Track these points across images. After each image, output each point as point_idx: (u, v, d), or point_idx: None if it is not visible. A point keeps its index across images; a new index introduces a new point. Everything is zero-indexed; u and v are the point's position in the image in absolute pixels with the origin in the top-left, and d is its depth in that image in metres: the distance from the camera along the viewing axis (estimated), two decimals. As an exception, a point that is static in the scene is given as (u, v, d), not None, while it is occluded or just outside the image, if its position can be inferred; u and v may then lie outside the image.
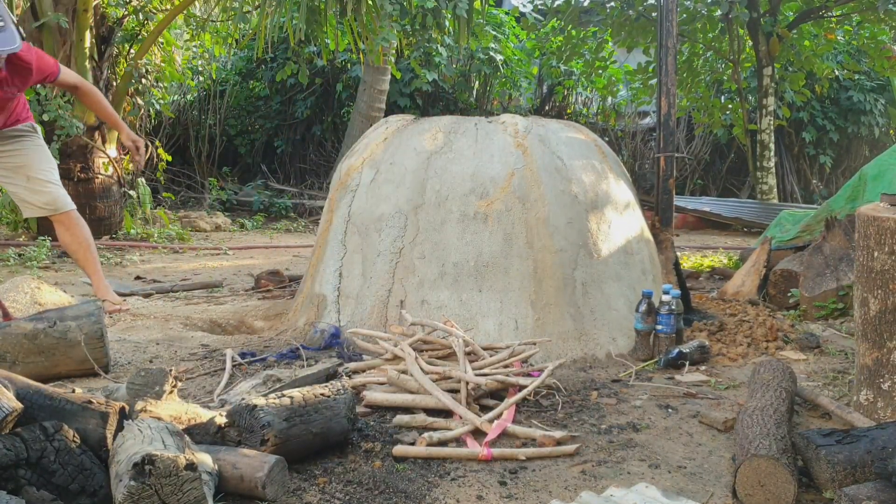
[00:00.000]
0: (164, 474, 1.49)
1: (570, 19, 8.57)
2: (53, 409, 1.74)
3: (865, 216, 2.23)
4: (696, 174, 10.67)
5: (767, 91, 8.45)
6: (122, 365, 2.84)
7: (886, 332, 2.17)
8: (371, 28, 6.20)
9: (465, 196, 3.07)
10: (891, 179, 4.02)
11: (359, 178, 3.27)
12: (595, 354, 2.95)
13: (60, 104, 5.63)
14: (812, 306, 3.60)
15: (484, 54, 9.69)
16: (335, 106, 9.65)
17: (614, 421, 2.33)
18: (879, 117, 10.34)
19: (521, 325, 2.92)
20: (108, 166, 6.06)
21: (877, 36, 9.17)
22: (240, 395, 2.31)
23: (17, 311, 3.09)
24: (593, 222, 3.16)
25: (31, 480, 1.55)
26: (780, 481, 1.74)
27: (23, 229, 6.01)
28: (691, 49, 9.45)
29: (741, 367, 2.90)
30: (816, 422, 2.33)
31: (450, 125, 3.26)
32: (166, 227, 6.71)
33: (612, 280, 3.13)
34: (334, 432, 2.02)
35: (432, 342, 2.70)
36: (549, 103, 10.97)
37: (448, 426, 2.19)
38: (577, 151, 3.29)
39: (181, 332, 3.28)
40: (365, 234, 3.16)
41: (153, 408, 1.91)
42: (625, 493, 1.75)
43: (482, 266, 2.99)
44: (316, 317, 3.18)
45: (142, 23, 6.53)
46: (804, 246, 4.27)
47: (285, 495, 1.79)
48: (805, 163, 10.65)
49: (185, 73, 8.11)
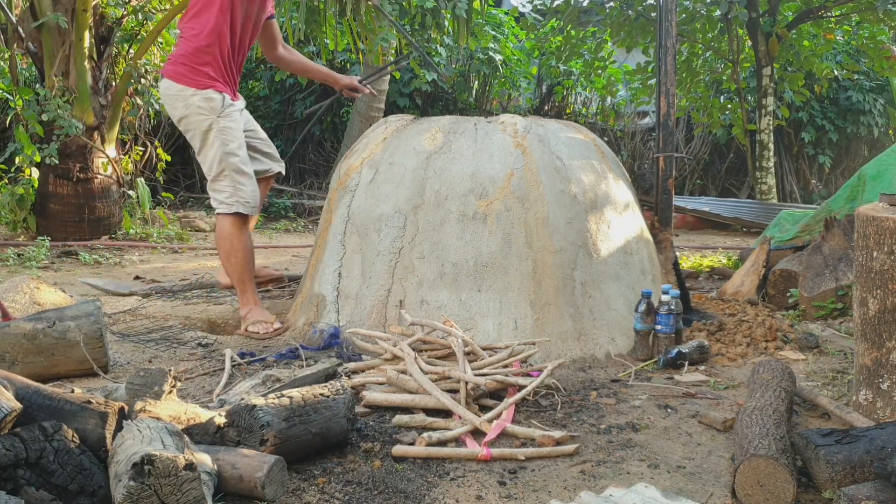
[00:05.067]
0: (164, 474, 1.48)
1: (570, 19, 8.57)
2: (53, 409, 1.74)
3: (864, 216, 2.23)
4: (696, 174, 10.67)
5: (767, 91, 8.46)
6: (122, 365, 2.84)
7: (885, 332, 2.17)
8: (370, 28, 6.20)
9: (464, 196, 3.07)
10: (890, 179, 4.02)
11: (358, 178, 3.27)
12: (594, 354, 2.95)
13: (60, 104, 5.62)
14: (811, 306, 3.60)
15: (483, 54, 9.69)
16: (334, 106, 9.65)
17: (613, 421, 2.33)
18: (879, 117, 10.35)
19: (521, 325, 2.92)
20: (108, 166, 6.06)
21: (876, 36, 9.17)
22: (239, 395, 2.31)
23: (17, 310, 3.09)
24: (592, 222, 3.16)
25: (30, 480, 1.55)
26: (779, 481, 1.75)
27: (22, 229, 6.00)
28: (690, 49, 9.46)
29: (740, 367, 2.90)
30: (816, 422, 2.33)
31: (449, 125, 3.26)
32: (165, 227, 6.71)
33: (612, 280, 3.13)
34: (333, 432, 2.02)
35: (431, 342, 2.70)
36: (549, 103, 10.98)
37: (447, 426, 2.19)
38: (577, 151, 3.29)
39: (180, 332, 3.28)
40: (364, 234, 3.16)
41: (152, 408, 1.91)
42: (624, 493, 1.75)
43: (481, 266, 2.99)
44: (315, 317, 3.18)
45: (141, 23, 6.52)
46: (803, 246, 4.27)
47: (284, 495, 1.79)
48: (804, 163, 10.66)
49: (185, 73, 8.09)
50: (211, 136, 3.25)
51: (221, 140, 3.24)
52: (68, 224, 5.88)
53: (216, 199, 3.33)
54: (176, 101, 3.27)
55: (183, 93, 3.25)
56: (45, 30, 5.71)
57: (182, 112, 3.27)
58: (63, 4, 5.71)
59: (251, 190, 3.32)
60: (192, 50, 3.28)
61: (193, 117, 3.25)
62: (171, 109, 3.33)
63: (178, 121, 3.31)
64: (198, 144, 3.30)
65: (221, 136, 3.25)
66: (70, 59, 5.78)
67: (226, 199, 3.28)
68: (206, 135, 3.26)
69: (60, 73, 5.79)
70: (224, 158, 3.24)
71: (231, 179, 3.26)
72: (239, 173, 3.28)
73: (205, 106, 3.23)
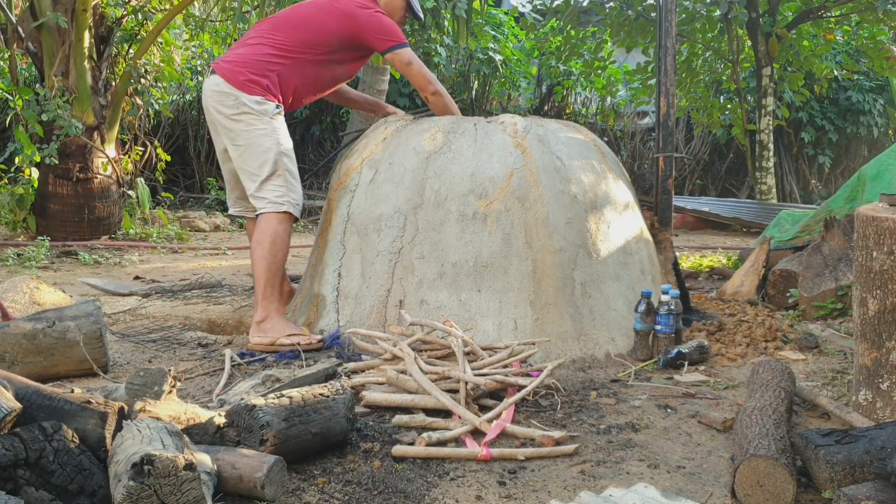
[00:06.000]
0: (163, 474, 1.48)
1: (570, 19, 8.58)
2: (52, 409, 1.74)
3: (864, 216, 2.23)
4: (696, 174, 10.68)
5: (766, 91, 8.46)
6: (121, 365, 2.84)
7: (885, 332, 2.17)
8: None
9: (464, 196, 3.07)
10: (890, 179, 4.02)
11: (358, 178, 3.27)
12: (594, 354, 2.95)
13: (59, 104, 5.63)
14: (811, 306, 3.61)
15: (483, 54, 9.68)
16: (334, 106, 9.65)
17: (613, 421, 2.33)
18: (878, 117, 10.35)
19: (521, 325, 2.92)
20: (107, 166, 6.06)
21: (876, 36, 9.18)
22: (239, 395, 2.31)
23: (16, 310, 3.09)
24: (592, 222, 3.16)
25: (29, 480, 1.55)
26: (779, 481, 1.75)
27: (22, 229, 6.00)
28: (690, 49, 9.46)
29: (740, 367, 2.90)
30: (815, 422, 2.33)
31: (449, 125, 3.26)
32: (165, 227, 6.71)
33: (612, 280, 3.13)
34: (333, 432, 2.02)
35: (431, 342, 2.70)
36: (549, 103, 10.98)
37: (447, 426, 2.19)
38: (577, 151, 3.29)
39: (180, 332, 3.28)
40: (364, 234, 3.15)
41: (152, 408, 1.91)
42: (624, 493, 1.75)
43: (481, 266, 2.99)
44: (315, 317, 3.18)
45: (141, 23, 6.52)
46: (803, 246, 4.27)
47: (284, 495, 1.79)
48: (804, 163, 10.66)
49: (185, 73, 8.10)
50: (265, 134, 3.18)
51: (276, 139, 3.18)
52: (68, 224, 5.88)
53: (264, 199, 3.20)
54: (226, 97, 3.19)
55: (235, 91, 3.18)
56: (45, 30, 5.71)
57: (233, 110, 3.18)
58: (63, 4, 5.71)
59: (300, 193, 3.27)
60: (263, 60, 3.22)
61: (245, 117, 3.18)
62: (219, 105, 3.22)
63: (229, 117, 3.20)
64: (243, 142, 3.20)
65: (275, 135, 3.19)
66: (70, 59, 5.78)
67: (277, 199, 3.19)
68: (259, 134, 3.18)
69: (60, 73, 5.79)
70: (279, 158, 3.18)
71: (284, 179, 3.19)
72: (291, 174, 3.23)
73: (256, 108, 3.18)
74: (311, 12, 3.31)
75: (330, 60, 3.33)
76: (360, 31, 3.28)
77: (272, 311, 3.12)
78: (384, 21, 3.30)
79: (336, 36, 3.28)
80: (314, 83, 3.38)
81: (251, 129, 3.17)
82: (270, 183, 3.19)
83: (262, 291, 3.15)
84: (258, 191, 3.20)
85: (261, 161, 3.18)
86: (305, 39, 3.26)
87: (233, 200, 3.52)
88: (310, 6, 3.35)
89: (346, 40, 3.30)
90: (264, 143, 3.17)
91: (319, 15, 3.29)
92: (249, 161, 3.20)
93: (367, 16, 3.28)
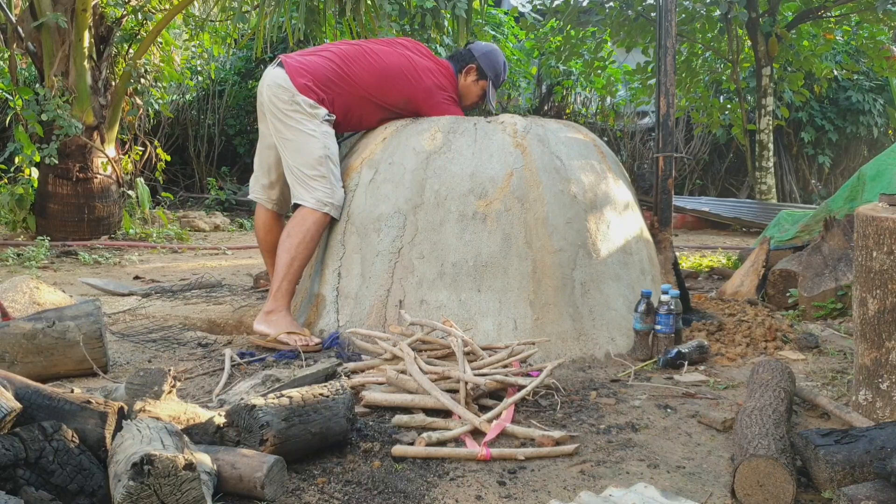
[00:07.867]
0: (163, 474, 1.48)
1: (569, 19, 8.58)
2: (52, 408, 1.74)
3: (864, 216, 2.23)
4: (695, 174, 10.68)
5: (766, 91, 8.46)
6: (121, 365, 2.84)
7: (885, 332, 2.17)
8: (370, 28, 6.19)
9: (464, 196, 3.07)
10: (889, 179, 4.03)
11: (357, 178, 3.27)
12: (594, 354, 2.95)
13: (59, 104, 5.63)
14: (811, 306, 3.61)
15: (483, 54, 9.66)
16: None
17: (613, 421, 2.33)
18: (878, 117, 10.35)
19: (520, 325, 2.92)
20: (107, 166, 6.06)
21: (875, 36, 9.18)
22: (238, 394, 2.31)
23: (16, 310, 3.09)
24: (592, 222, 3.16)
25: (29, 480, 1.55)
26: (778, 481, 1.75)
27: (21, 229, 6.00)
28: (690, 49, 9.46)
29: (740, 367, 2.90)
30: (815, 422, 2.34)
31: (449, 125, 3.26)
32: (165, 227, 6.71)
33: (611, 280, 3.13)
34: (333, 432, 2.02)
35: (431, 342, 2.70)
36: (548, 103, 10.98)
37: (447, 426, 2.19)
38: (576, 151, 3.29)
39: (180, 332, 3.28)
40: (364, 233, 3.16)
41: (152, 408, 1.91)
42: (624, 493, 1.75)
43: (481, 266, 2.99)
44: (315, 317, 3.18)
45: (141, 23, 6.53)
46: (803, 246, 4.27)
47: (284, 495, 1.79)
48: (804, 163, 10.66)
49: (184, 73, 8.10)
50: (314, 135, 3.20)
51: (323, 142, 3.20)
52: (68, 224, 5.88)
53: (307, 194, 3.20)
54: (283, 92, 3.19)
55: (293, 88, 3.19)
56: (45, 30, 5.71)
57: (287, 105, 3.18)
58: (63, 4, 5.71)
59: (342, 196, 3.27)
60: (330, 78, 3.26)
61: (296, 115, 3.19)
62: (274, 97, 3.21)
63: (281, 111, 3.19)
64: (291, 136, 3.20)
65: (324, 138, 3.21)
66: (70, 58, 5.78)
67: (321, 198, 3.19)
68: (308, 134, 3.19)
69: (60, 73, 5.79)
70: (326, 162, 3.19)
71: (330, 182, 3.21)
72: (337, 180, 3.25)
73: (309, 110, 3.19)
74: (395, 70, 3.34)
75: (388, 111, 3.43)
76: (427, 109, 3.42)
77: (282, 307, 3.15)
78: (450, 109, 3.44)
79: (405, 99, 3.40)
80: (360, 120, 3.45)
81: (301, 126, 3.20)
82: (316, 181, 3.21)
83: (277, 284, 3.17)
84: (302, 182, 3.22)
85: (305, 160, 3.20)
86: (379, 87, 3.34)
87: (258, 187, 3.53)
88: (396, 59, 3.37)
89: (412, 106, 3.43)
90: (311, 143, 3.19)
91: (402, 74, 3.35)
92: (296, 157, 3.22)
93: (439, 100, 3.43)
